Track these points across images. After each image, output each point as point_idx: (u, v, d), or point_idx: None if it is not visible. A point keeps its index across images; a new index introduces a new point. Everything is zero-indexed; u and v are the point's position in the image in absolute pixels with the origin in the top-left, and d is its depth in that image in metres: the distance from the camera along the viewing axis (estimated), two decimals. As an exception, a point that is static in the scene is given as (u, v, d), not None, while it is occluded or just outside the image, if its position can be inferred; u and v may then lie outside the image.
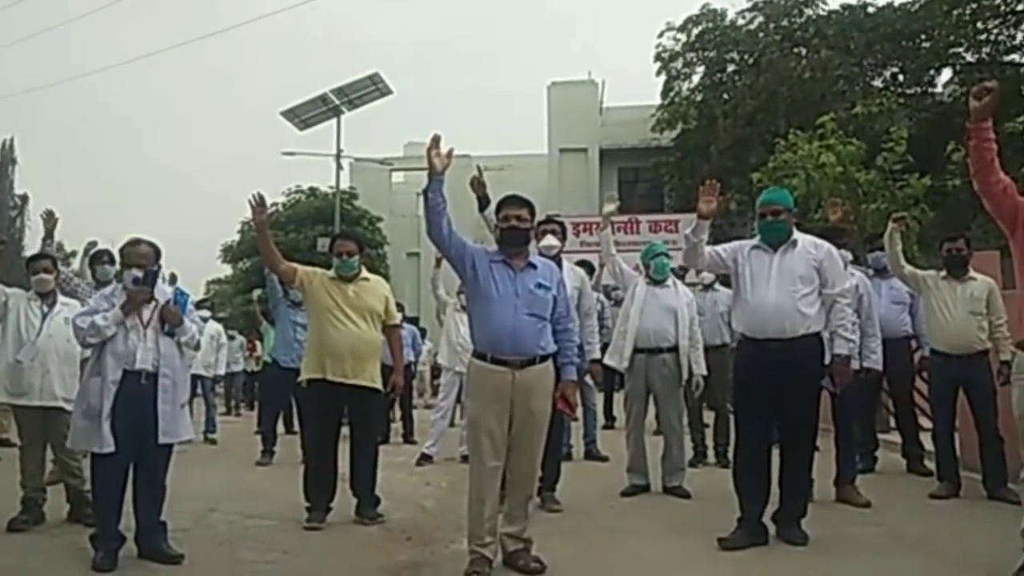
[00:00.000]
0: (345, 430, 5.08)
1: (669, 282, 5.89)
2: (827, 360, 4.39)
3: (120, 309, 4.05)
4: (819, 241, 4.42)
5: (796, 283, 4.23)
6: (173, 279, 8.59)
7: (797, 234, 4.37)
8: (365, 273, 5.19)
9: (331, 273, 5.10)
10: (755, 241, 4.42)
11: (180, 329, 4.17)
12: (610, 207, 5.99)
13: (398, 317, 5.40)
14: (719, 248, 4.49)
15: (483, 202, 5.27)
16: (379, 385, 5.07)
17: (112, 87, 79.07)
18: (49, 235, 5.72)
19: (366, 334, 4.98)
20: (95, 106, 66.98)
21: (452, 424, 7.74)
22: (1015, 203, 3.53)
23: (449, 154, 3.76)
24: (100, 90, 77.93)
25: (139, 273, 4.16)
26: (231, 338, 12.95)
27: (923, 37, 18.98)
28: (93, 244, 6.26)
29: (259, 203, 4.88)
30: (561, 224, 5.37)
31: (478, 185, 5.35)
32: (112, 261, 5.83)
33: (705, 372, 5.91)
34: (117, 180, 66.50)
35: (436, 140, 3.74)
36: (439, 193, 3.80)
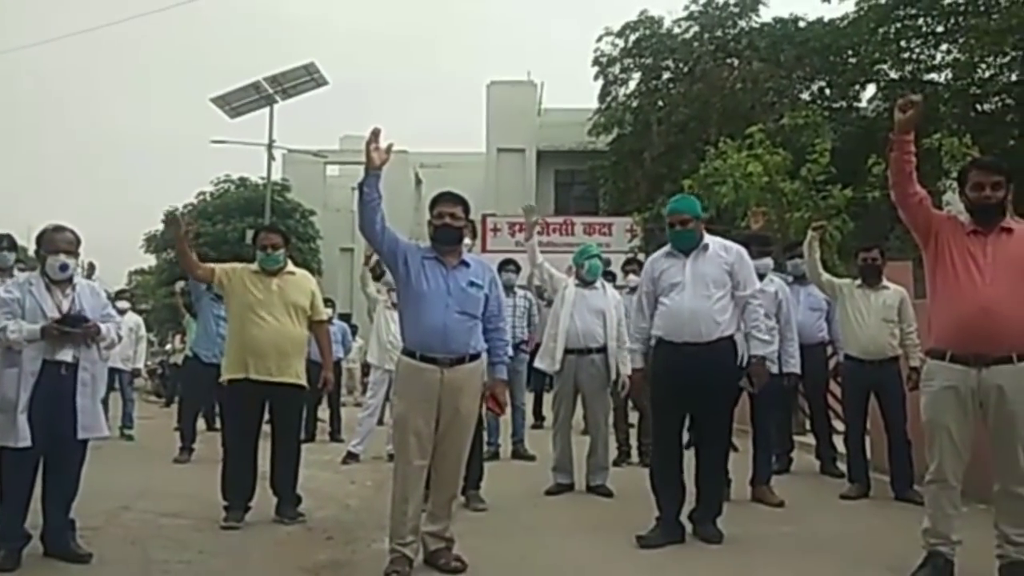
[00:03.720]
0: (267, 427, 4.98)
1: (598, 284, 5.97)
2: (744, 362, 4.48)
3: (40, 331, 3.86)
4: (729, 244, 4.50)
5: (710, 287, 4.33)
6: (91, 270, 8.27)
7: (709, 238, 4.46)
8: (291, 267, 5.07)
9: (254, 267, 4.97)
10: (667, 248, 4.51)
11: (98, 338, 4.02)
12: (532, 218, 6.08)
13: (326, 313, 5.30)
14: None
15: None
16: (303, 382, 4.95)
17: (34, 65, 75.78)
18: None
19: (290, 330, 4.86)
20: (13, 85, 64.16)
21: (380, 422, 7.67)
22: (930, 215, 3.67)
23: (388, 149, 3.72)
24: (20, 68, 74.71)
25: (66, 259, 3.99)
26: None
27: (850, 53, 19.65)
28: None
29: (175, 222, 4.73)
30: (472, 222, 5.34)
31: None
32: (12, 247, 5.52)
33: (630, 372, 6.00)
34: (35, 163, 63.86)
35: (376, 134, 3.70)
36: (375, 188, 3.77)
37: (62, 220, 4.17)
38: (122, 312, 8.32)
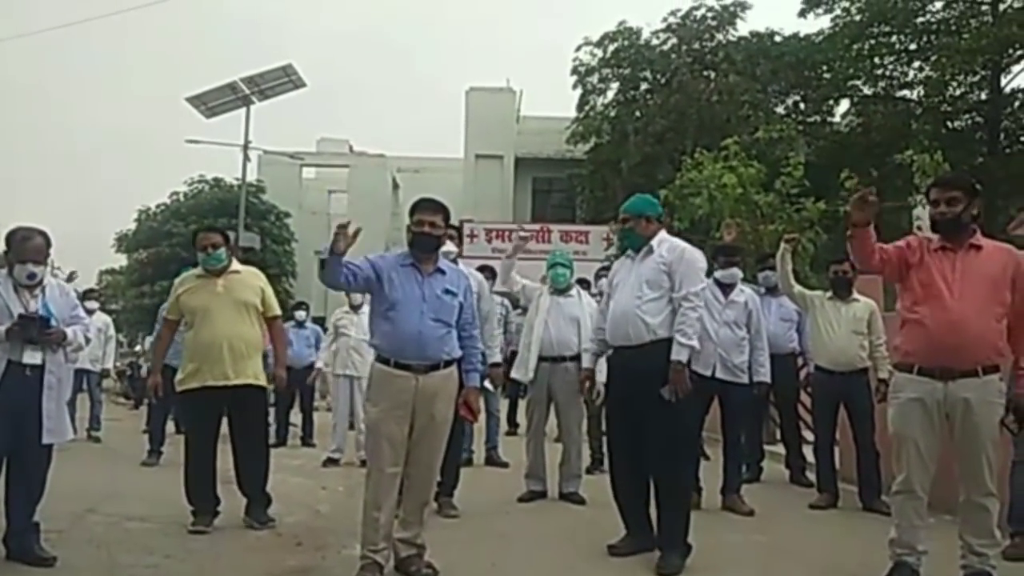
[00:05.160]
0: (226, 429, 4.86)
1: (573, 292, 5.98)
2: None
3: (5, 333, 3.81)
4: (677, 244, 4.26)
5: (642, 288, 4.16)
6: (71, 277, 8.14)
7: (660, 239, 4.27)
8: (236, 265, 4.93)
9: (198, 271, 4.86)
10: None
11: (65, 342, 3.98)
12: (521, 242, 6.00)
13: (277, 308, 5.07)
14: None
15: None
16: (262, 382, 4.83)
17: (4, 60, 74.59)
18: None
19: (242, 330, 4.72)
20: (-16, 80, 63.10)
21: (351, 427, 7.64)
22: (896, 259, 3.70)
23: (355, 234, 3.65)
24: (-9, 63, 73.46)
25: (33, 268, 3.93)
26: None
27: (824, 68, 19.96)
28: None
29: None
30: (458, 228, 5.38)
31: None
32: None
33: (605, 380, 6.01)
34: (4, 159, 62.78)
35: (344, 226, 3.64)
36: (338, 268, 3.70)
37: (31, 218, 4.13)
38: (91, 312, 8.21)
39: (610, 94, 22.27)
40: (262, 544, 4.46)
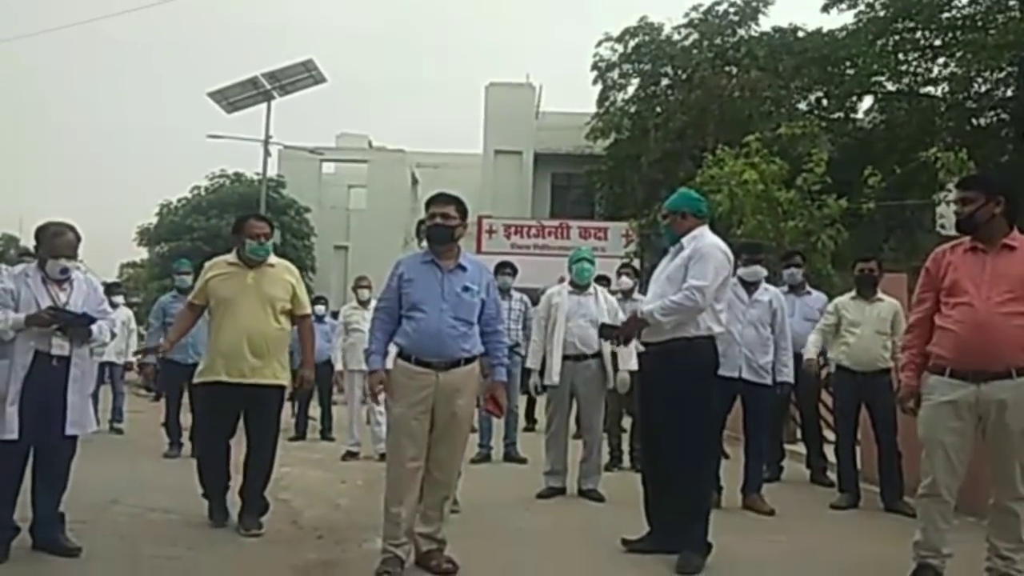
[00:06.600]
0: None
1: (592, 289, 5.97)
2: (715, 369, 4.22)
3: (25, 319, 3.85)
4: (703, 241, 4.16)
5: (664, 285, 4.15)
6: (110, 289, 8.15)
7: (693, 236, 4.18)
8: (271, 258, 4.72)
9: (229, 258, 4.65)
10: None
11: (90, 339, 4.02)
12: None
13: (308, 307, 4.92)
14: None
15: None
16: (281, 381, 4.65)
17: (30, 57, 75.48)
18: None
19: (265, 327, 4.52)
20: (7, 76, 63.90)
21: (367, 421, 7.68)
22: (938, 283, 3.68)
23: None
24: (15, 60, 74.36)
25: (66, 263, 3.99)
26: None
27: (848, 64, 19.71)
28: None
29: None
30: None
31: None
32: None
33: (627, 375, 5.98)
34: (30, 155, 63.60)
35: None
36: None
37: (54, 212, 4.21)
38: (115, 306, 8.29)
39: (630, 90, 22.12)
40: (283, 537, 4.49)
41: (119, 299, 9.42)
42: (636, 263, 15.81)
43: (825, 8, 19.84)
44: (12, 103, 67.73)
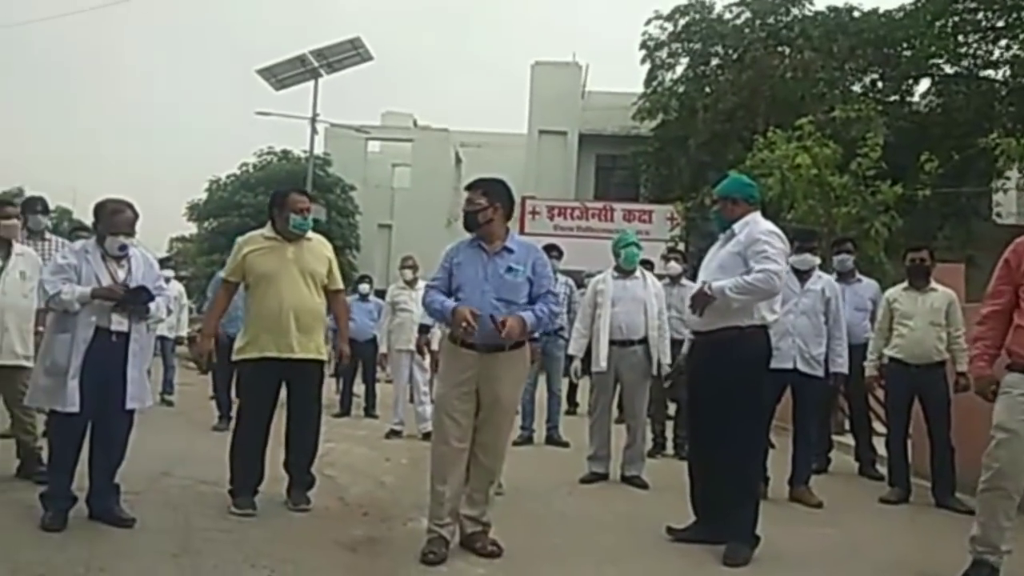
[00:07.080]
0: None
1: (638, 273, 5.91)
2: (764, 359, 4.13)
3: (91, 292, 3.95)
4: (756, 228, 4.08)
5: (716, 273, 4.09)
6: (161, 264, 8.30)
7: (745, 222, 4.12)
8: (308, 232, 4.69)
9: (266, 232, 4.61)
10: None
11: (147, 316, 4.12)
12: None
13: (341, 281, 4.86)
14: None
15: None
16: (323, 356, 4.69)
17: (83, 33, 77.00)
18: None
19: (308, 302, 4.52)
20: (60, 51, 65.36)
21: (411, 400, 7.74)
22: (1013, 288, 3.59)
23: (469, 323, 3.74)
24: (66, 35, 75.95)
25: (125, 240, 4.08)
26: None
27: (905, 46, 19.14)
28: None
29: None
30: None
31: None
32: (46, 211, 5.61)
33: (670, 362, 5.94)
34: (81, 129, 65.03)
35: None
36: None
37: (106, 186, 4.32)
38: (167, 280, 8.45)
39: (679, 69, 21.76)
40: (330, 513, 4.56)
41: (169, 273, 9.60)
42: (681, 247, 15.66)
43: (883, -13, 19.27)
44: (67, 79, 69.28)
